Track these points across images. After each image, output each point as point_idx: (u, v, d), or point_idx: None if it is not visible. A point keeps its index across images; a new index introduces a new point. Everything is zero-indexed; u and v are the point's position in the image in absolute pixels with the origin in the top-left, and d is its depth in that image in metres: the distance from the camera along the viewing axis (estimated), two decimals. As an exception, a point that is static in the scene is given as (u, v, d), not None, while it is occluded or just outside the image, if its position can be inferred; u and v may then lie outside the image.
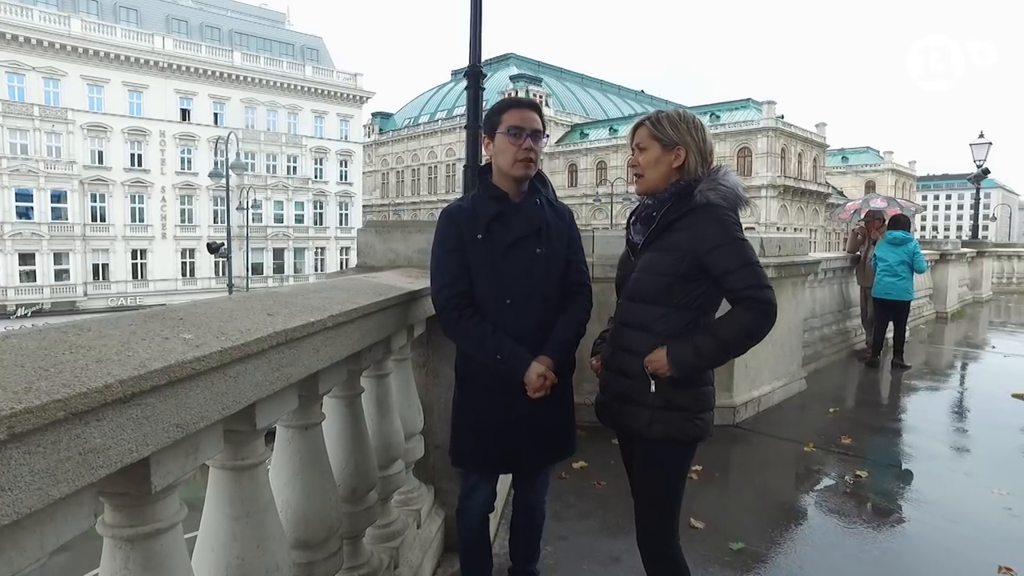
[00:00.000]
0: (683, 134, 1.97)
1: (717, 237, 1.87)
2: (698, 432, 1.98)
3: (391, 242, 3.03)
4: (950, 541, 3.16)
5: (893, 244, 7.26)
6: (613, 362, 2.08)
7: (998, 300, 15.08)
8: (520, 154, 2.05)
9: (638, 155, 2.04)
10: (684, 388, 1.95)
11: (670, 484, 2.03)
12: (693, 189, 1.93)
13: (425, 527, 2.74)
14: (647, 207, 2.04)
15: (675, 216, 1.93)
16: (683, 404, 1.95)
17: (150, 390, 0.82)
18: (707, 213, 1.89)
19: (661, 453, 2.00)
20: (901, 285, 7.14)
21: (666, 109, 2.08)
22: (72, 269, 34.74)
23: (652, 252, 1.98)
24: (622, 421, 2.06)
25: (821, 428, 4.94)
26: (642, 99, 79.12)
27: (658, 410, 1.94)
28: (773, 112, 50.17)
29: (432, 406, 2.96)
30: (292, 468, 1.70)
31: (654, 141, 1.99)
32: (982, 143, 16.04)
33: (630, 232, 2.11)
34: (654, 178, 2.00)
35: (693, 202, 1.91)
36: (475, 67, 4.54)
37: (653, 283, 1.95)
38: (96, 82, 35.02)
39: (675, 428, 1.95)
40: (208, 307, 1.25)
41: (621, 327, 2.06)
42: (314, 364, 1.40)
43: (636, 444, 2.08)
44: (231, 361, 1.02)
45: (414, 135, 67.75)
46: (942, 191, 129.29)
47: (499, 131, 2.07)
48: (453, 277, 2.07)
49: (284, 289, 1.66)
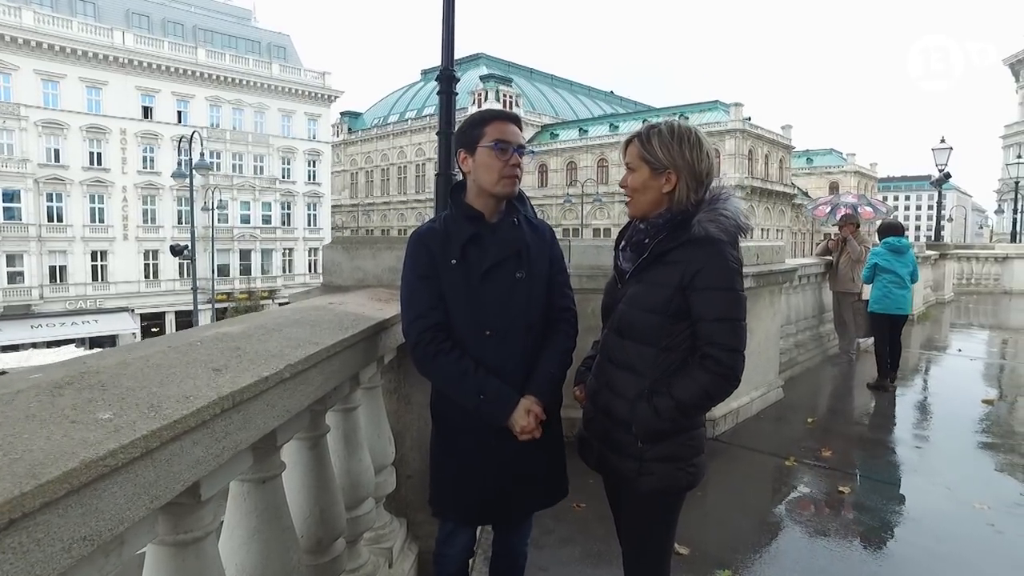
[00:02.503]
0: (675, 157, 1.76)
1: (712, 279, 1.70)
2: (691, 480, 1.83)
3: (359, 260, 2.83)
4: (938, 564, 3.09)
5: (896, 252, 6.54)
6: (599, 399, 1.91)
7: (959, 301, 15.40)
8: (507, 170, 1.88)
9: (627, 175, 1.86)
10: (673, 436, 1.79)
11: (661, 534, 1.89)
12: (691, 217, 1.74)
13: (397, 565, 2.55)
14: (638, 232, 1.86)
15: (669, 247, 1.75)
16: (674, 454, 1.80)
17: (40, 508, 0.63)
18: (707, 248, 1.71)
19: (650, 505, 1.84)
20: (908, 298, 6.54)
21: (659, 123, 1.83)
22: (27, 271, 33.39)
23: (641, 284, 1.81)
24: (609, 466, 1.90)
25: (800, 440, 4.88)
26: (612, 100, 79.55)
27: (648, 462, 1.78)
28: (741, 114, 50.86)
29: (404, 434, 2.78)
30: (247, 528, 1.51)
31: (643, 163, 1.80)
32: (944, 148, 16.40)
33: (619, 257, 1.95)
34: (643, 202, 1.83)
35: (690, 233, 1.72)
36: (448, 71, 4.35)
37: (641, 321, 1.78)
38: (51, 77, 33.70)
39: (666, 480, 1.80)
40: (141, 364, 1.05)
41: (607, 363, 1.89)
42: (269, 423, 1.22)
43: (622, 489, 1.92)
44: (162, 444, 0.84)
45: (383, 135, 67.01)
46: (901, 192, 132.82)
47: (481, 144, 1.88)
48: (426, 307, 1.88)
49: (235, 329, 1.46)
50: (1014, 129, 41.78)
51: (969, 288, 17.25)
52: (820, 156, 77.50)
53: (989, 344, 9.92)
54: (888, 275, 6.47)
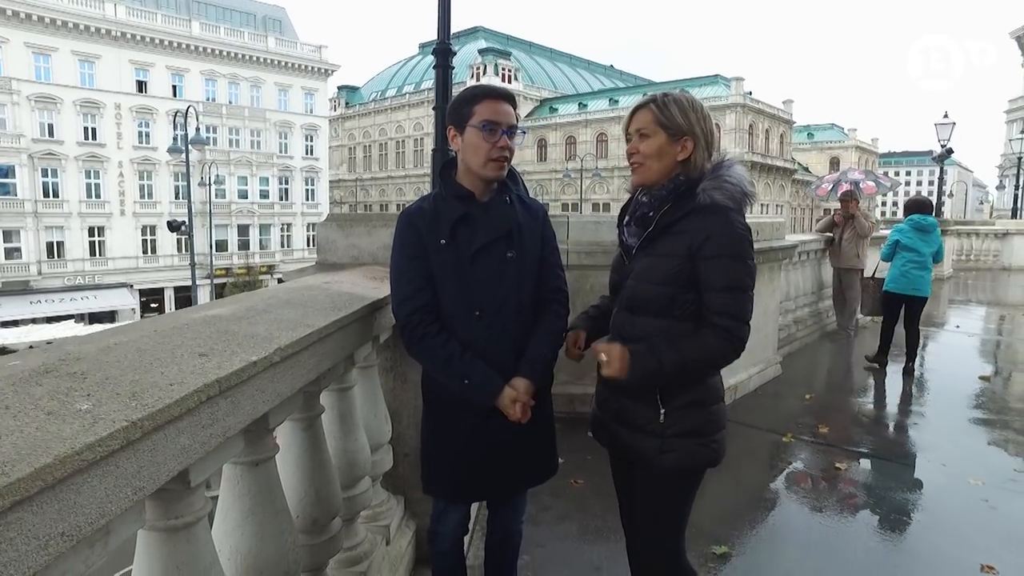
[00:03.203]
0: (693, 124, 1.73)
1: (721, 246, 1.67)
2: (713, 457, 1.79)
3: (353, 237, 2.79)
4: (933, 538, 3.11)
5: (921, 231, 6.14)
6: (614, 379, 1.86)
7: (958, 277, 15.41)
8: (494, 152, 1.82)
9: (638, 142, 1.77)
10: (697, 408, 1.76)
11: (681, 512, 1.86)
12: (695, 186, 1.70)
13: (395, 543, 2.57)
14: (642, 205, 1.80)
15: (675, 217, 1.71)
16: (698, 428, 1.76)
17: (11, 507, 0.61)
18: (714, 216, 1.68)
19: (672, 483, 1.81)
20: (927, 279, 6.17)
21: (672, 92, 1.78)
22: (24, 247, 33.26)
23: (649, 257, 1.77)
24: (626, 446, 1.85)
25: (798, 416, 4.89)
26: (611, 74, 78.62)
27: (670, 438, 1.75)
28: (741, 88, 50.35)
29: (400, 412, 2.77)
30: (241, 510, 1.50)
31: (660, 129, 1.73)
32: (946, 123, 16.23)
33: (623, 233, 1.89)
34: (656, 169, 1.75)
35: (696, 202, 1.69)
36: (444, 44, 4.26)
37: (652, 293, 1.75)
38: (42, 50, 33.16)
39: (689, 456, 1.76)
40: (124, 349, 1.03)
41: (620, 340, 1.83)
42: (259, 407, 1.20)
43: (637, 469, 1.88)
44: (144, 434, 0.82)
45: (381, 109, 66.33)
46: (902, 167, 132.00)
47: (470, 124, 1.83)
48: (415, 289, 1.84)
49: (225, 311, 1.43)
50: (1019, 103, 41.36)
51: (968, 264, 17.23)
52: (821, 131, 76.96)
53: (987, 320, 9.94)
54: (909, 253, 6.14)
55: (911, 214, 6.30)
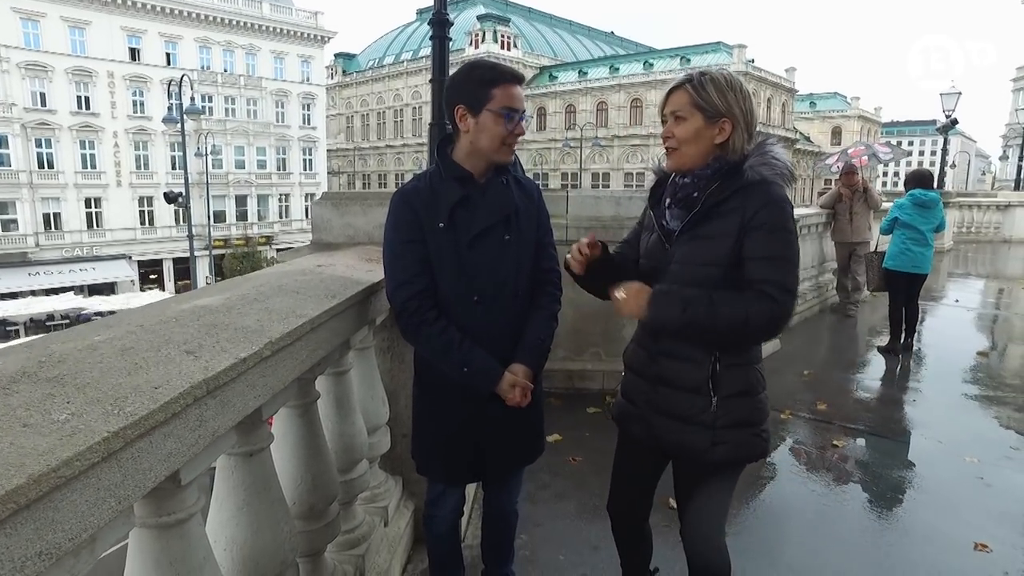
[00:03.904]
0: (731, 104, 1.65)
1: (771, 217, 1.60)
2: (764, 447, 1.73)
3: (349, 216, 2.75)
4: (928, 516, 3.13)
5: (922, 207, 5.91)
6: (651, 370, 1.78)
7: (958, 249, 15.36)
8: (510, 139, 1.80)
9: (673, 125, 1.70)
10: (747, 397, 1.69)
11: (726, 501, 1.83)
12: (740, 164, 1.64)
13: (393, 524, 2.58)
14: (684, 187, 1.72)
15: (723, 196, 1.63)
16: (747, 418, 1.69)
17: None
18: (763, 189, 1.61)
19: (722, 476, 1.76)
20: (927, 256, 5.99)
21: (707, 71, 1.70)
22: (20, 219, 33.04)
23: (697, 240, 1.68)
24: (670, 439, 1.76)
25: (796, 393, 4.90)
26: (612, 41, 77.31)
27: (722, 429, 1.67)
28: (744, 56, 49.59)
29: (398, 393, 2.76)
30: (236, 501, 1.49)
31: (696, 111, 1.66)
32: (952, 93, 16.00)
33: (664, 216, 1.77)
34: (692, 154, 1.68)
35: (744, 179, 1.62)
36: (441, 15, 4.14)
37: (702, 274, 1.64)
38: (30, 16, 32.42)
39: (744, 449, 1.70)
40: (108, 348, 1.00)
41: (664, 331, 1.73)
42: (250, 404, 1.17)
43: (683, 464, 1.81)
44: (127, 443, 0.79)
45: (379, 77, 65.33)
46: (905, 136, 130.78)
47: (488, 108, 1.77)
48: (411, 274, 1.81)
49: (215, 300, 1.40)
50: (1025, 71, 40.77)
51: (969, 237, 17.15)
52: (824, 100, 76.00)
53: (986, 294, 9.92)
54: (908, 230, 5.97)
55: (912, 188, 6.10)
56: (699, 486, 1.80)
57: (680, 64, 52.16)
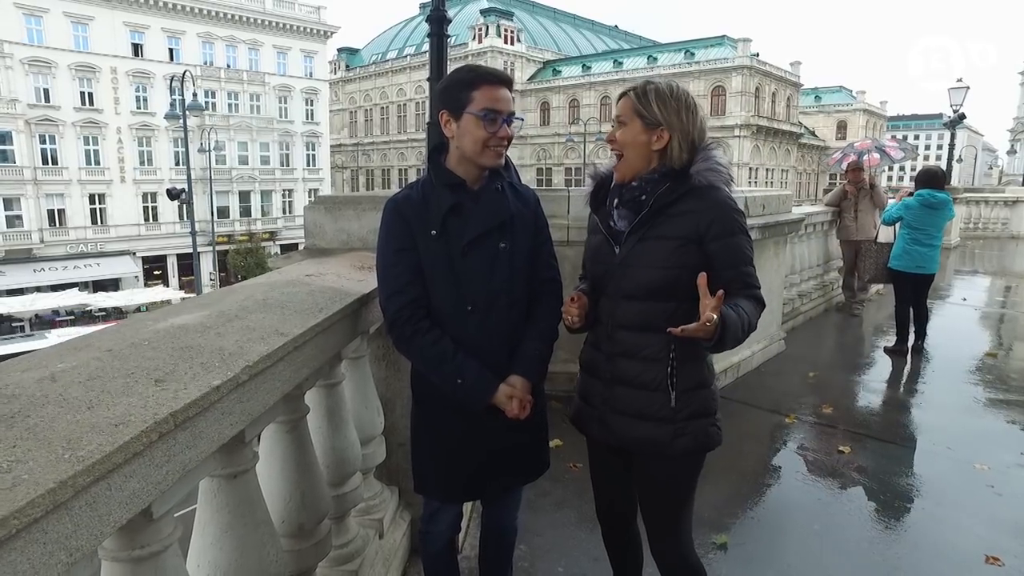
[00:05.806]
0: (670, 114, 1.71)
1: (729, 226, 1.69)
2: (719, 437, 1.81)
3: (342, 221, 2.68)
4: (938, 528, 3.06)
5: (931, 208, 5.70)
6: (608, 370, 1.82)
7: (965, 246, 15.22)
8: (494, 142, 1.73)
9: (616, 129, 1.78)
10: (702, 389, 1.76)
11: (690, 494, 1.87)
12: (686, 169, 1.70)
13: (389, 536, 2.52)
14: (632, 189, 1.76)
15: (671, 199, 1.70)
16: (705, 409, 1.77)
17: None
18: (713, 197, 1.70)
19: (682, 467, 1.81)
20: (933, 256, 5.80)
21: (657, 80, 1.77)
22: (25, 215, 33.07)
23: (645, 241, 1.73)
24: (631, 436, 1.80)
25: (801, 395, 4.83)
26: (616, 35, 76.95)
27: (682, 422, 1.74)
28: (748, 50, 49.16)
29: (394, 401, 2.70)
30: (219, 524, 1.43)
31: (636, 117, 1.74)
32: (960, 87, 15.83)
33: (611, 218, 1.81)
34: (631, 159, 1.77)
35: (691, 183, 1.69)
36: (439, 11, 4.05)
37: (656, 277, 1.71)
38: (33, 11, 32.38)
39: (702, 438, 1.77)
40: (68, 379, 0.93)
41: (620, 330, 1.78)
42: (226, 432, 1.11)
43: (644, 460, 1.85)
44: (79, 491, 0.73)
45: (382, 72, 65.16)
46: (911, 131, 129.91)
47: (468, 111, 1.72)
48: (404, 283, 1.76)
49: (192, 319, 1.34)
50: (1033, 65, 40.37)
51: (976, 233, 17.00)
52: (829, 94, 75.45)
53: (994, 293, 9.81)
54: (915, 232, 5.78)
55: (921, 188, 5.83)
56: (663, 480, 1.85)
57: (684, 58, 51.90)
